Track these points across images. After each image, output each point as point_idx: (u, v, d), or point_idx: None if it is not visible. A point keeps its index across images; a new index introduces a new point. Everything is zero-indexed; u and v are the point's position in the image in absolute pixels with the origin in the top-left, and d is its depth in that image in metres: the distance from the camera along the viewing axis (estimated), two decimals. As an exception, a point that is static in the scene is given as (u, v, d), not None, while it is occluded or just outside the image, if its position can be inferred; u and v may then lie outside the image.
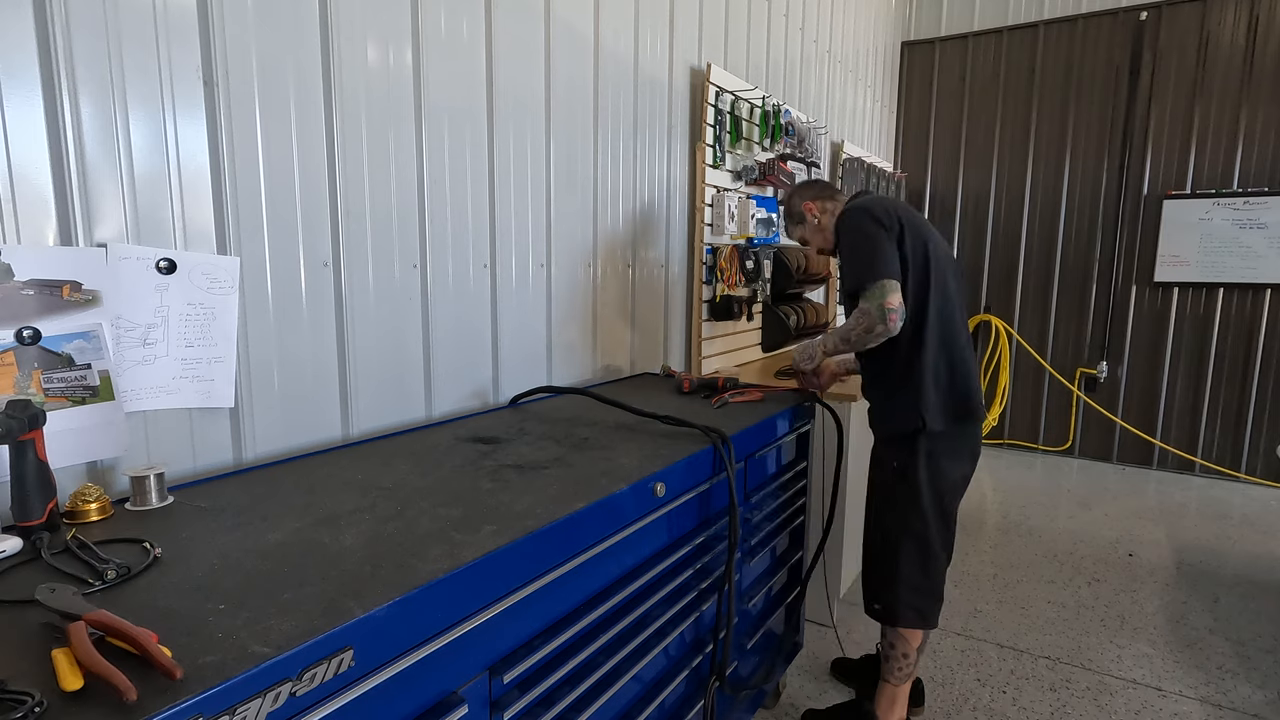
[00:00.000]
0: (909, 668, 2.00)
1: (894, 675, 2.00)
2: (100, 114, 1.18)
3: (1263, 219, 4.39)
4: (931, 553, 1.93)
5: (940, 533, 1.94)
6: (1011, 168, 5.13)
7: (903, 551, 1.92)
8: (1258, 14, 4.32)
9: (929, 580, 1.95)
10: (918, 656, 2.00)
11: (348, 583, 0.88)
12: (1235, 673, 2.43)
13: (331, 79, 1.53)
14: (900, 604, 1.94)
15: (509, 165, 2.01)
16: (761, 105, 3.23)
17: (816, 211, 2.15)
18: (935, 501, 1.91)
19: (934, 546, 1.93)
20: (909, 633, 1.97)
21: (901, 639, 1.97)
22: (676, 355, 2.97)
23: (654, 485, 1.37)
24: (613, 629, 1.29)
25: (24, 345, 1.12)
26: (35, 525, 1.01)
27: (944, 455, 1.90)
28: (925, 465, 1.88)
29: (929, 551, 1.93)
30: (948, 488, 1.93)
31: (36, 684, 0.67)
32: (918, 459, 1.88)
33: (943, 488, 1.92)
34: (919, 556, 1.93)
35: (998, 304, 5.26)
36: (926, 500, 1.90)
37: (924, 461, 1.88)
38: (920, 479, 1.88)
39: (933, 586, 1.96)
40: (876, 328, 1.79)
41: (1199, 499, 4.25)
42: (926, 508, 1.90)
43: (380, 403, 1.72)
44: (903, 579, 1.93)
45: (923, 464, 1.88)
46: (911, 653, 1.98)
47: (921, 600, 1.95)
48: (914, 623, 1.95)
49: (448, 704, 0.94)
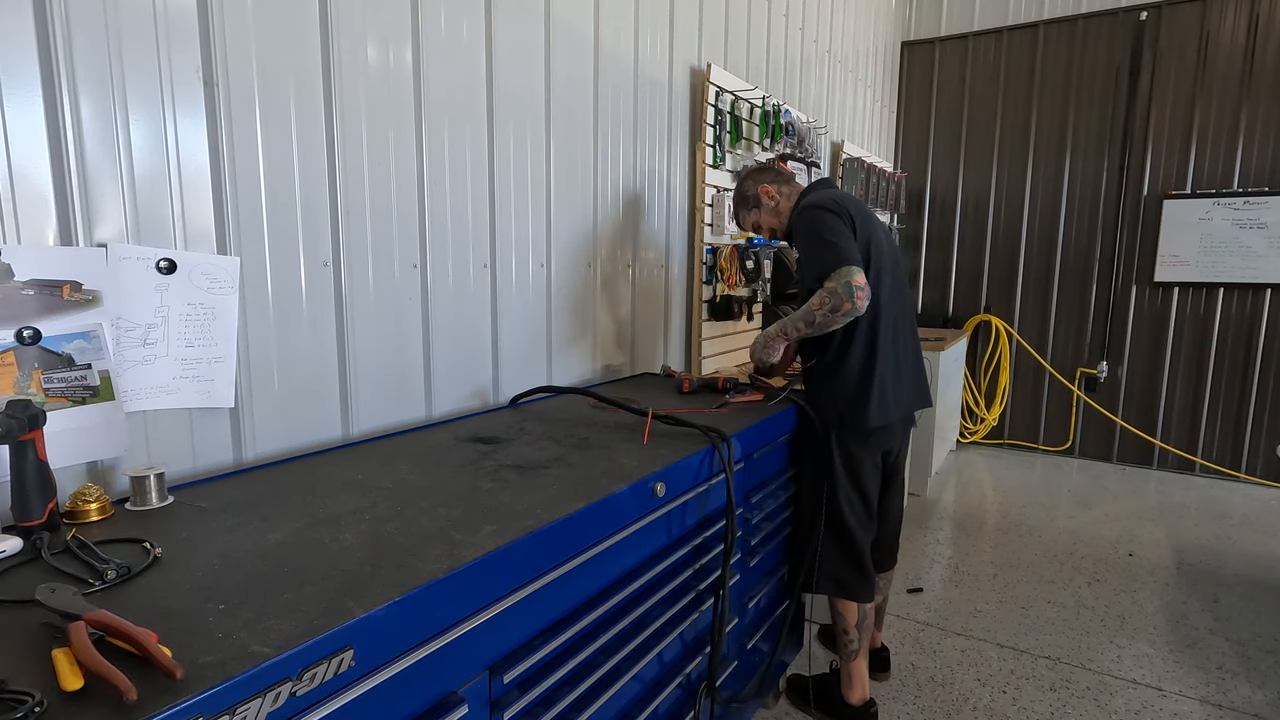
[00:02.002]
0: (852, 644, 2.08)
1: (841, 652, 2.11)
2: (100, 114, 1.18)
3: (1263, 219, 4.39)
4: (851, 531, 2.02)
5: (856, 511, 2.03)
6: (1011, 168, 5.13)
7: (821, 527, 2.03)
8: (1258, 14, 4.32)
9: (847, 555, 2.04)
10: (860, 634, 2.07)
11: (348, 583, 0.88)
12: (1235, 673, 2.43)
13: (331, 79, 1.53)
14: (819, 574, 2.05)
15: (509, 165, 2.01)
16: (761, 105, 3.23)
17: (775, 195, 2.17)
18: (852, 484, 2.02)
19: (849, 523, 2.02)
20: (844, 608, 2.05)
21: (840, 615, 2.07)
22: (676, 355, 2.97)
23: (654, 485, 1.37)
24: (613, 629, 1.29)
25: (24, 345, 1.12)
26: (35, 525, 1.01)
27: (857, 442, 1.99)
28: (842, 459, 1.99)
29: (847, 530, 2.02)
30: (864, 471, 2.02)
31: (36, 684, 0.67)
32: (832, 448, 1.99)
33: (857, 473, 2.01)
34: (838, 534, 2.03)
35: (998, 304, 5.27)
36: (844, 484, 2.00)
37: (838, 455, 1.99)
38: (837, 468, 1.99)
39: (852, 561, 2.04)
40: (844, 305, 1.83)
41: (1199, 499, 4.25)
42: (844, 491, 2.01)
43: (380, 403, 1.72)
44: (821, 553, 2.04)
45: (838, 457, 1.99)
46: (850, 628, 2.06)
47: (841, 572, 2.04)
48: (836, 593, 2.05)
49: (448, 704, 0.94)
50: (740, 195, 2.24)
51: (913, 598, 2.92)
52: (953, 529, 3.70)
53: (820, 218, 1.92)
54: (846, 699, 2.11)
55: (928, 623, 2.73)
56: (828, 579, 2.05)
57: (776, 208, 2.17)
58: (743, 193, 2.23)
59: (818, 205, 1.96)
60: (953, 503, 4.13)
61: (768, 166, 2.27)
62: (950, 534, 3.64)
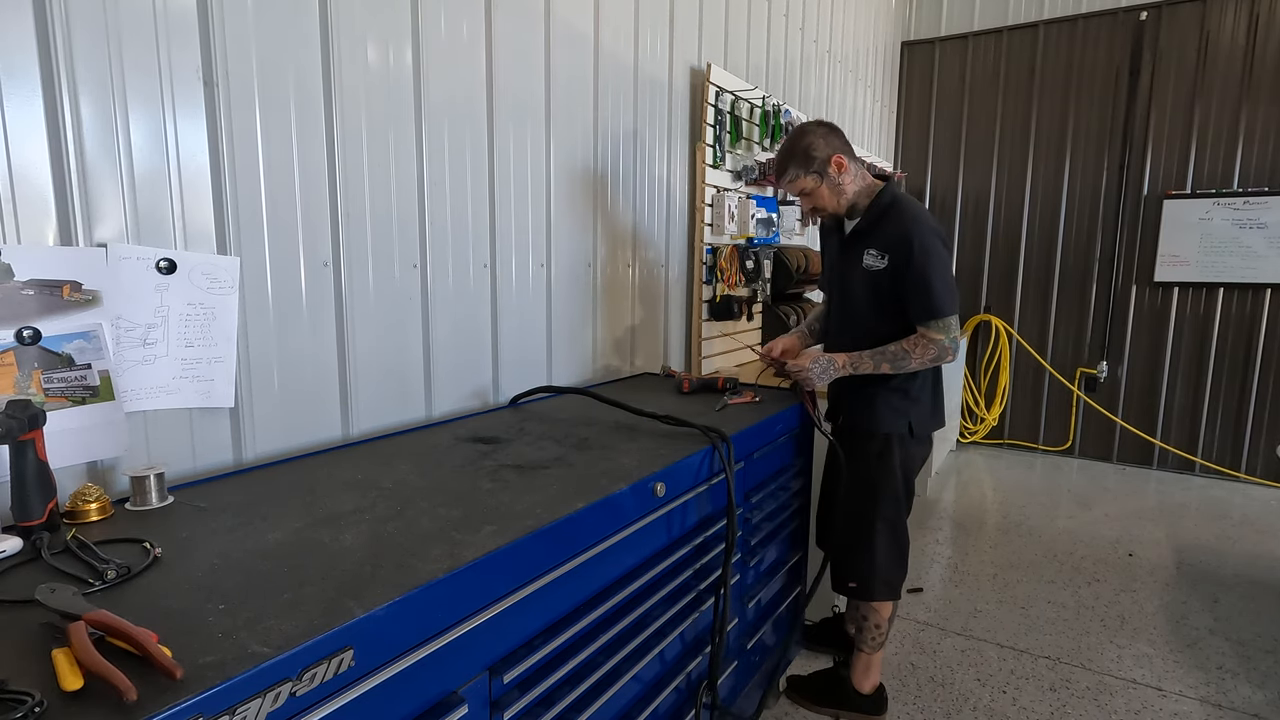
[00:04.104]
0: (882, 637, 2.10)
1: (868, 644, 2.11)
2: (100, 114, 1.18)
3: (1263, 219, 4.39)
4: (902, 531, 2.05)
5: (907, 511, 2.06)
6: (1011, 168, 5.13)
7: (878, 534, 2.01)
8: (1258, 14, 4.32)
9: (901, 557, 2.06)
10: (889, 625, 2.11)
11: (348, 583, 0.88)
12: (1235, 673, 2.43)
13: (331, 79, 1.53)
14: (876, 581, 2.03)
15: (509, 165, 2.01)
16: (761, 105, 3.23)
17: (848, 170, 1.88)
18: (905, 485, 2.03)
19: (904, 526, 2.05)
20: (881, 604, 2.07)
21: (874, 611, 2.08)
22: (676, 355, 2.96)
23: (654, 485, 1.37)
24: (613, 629, 1.29)
25: (24, 345, 1.12)
26: (35, 525, 1.00)
27: (916, 445, 2.03)
28: (900, 459, 1.99)
29: (900, 530, 2.04)
30: (915, 470, 2.06)
31: (36, 684, 0.67)
32: (893, 453, 1.98)
33: (911, 472, 2.04)
34: (892, 536, 2.03)
35: (998, 304, 5.26)
36: (900, 486, 2.01)
37: (898, 456, 1.98)
38: (896, 470, 1.99)
39: (902, 561, 2.07)
40: (946, 357, 1.88)
41: (1199, 499, 4.25)
42: (899, 492, 2.01)
43: (380, 403, 1.72)
44: (879, 559, 2.02)
45: (898, 458, 1.98)
46: (884, 623, 2.09)
47: (893, 574, 2.05)
48: (888, 596, 2.05)
49: (448, 704, 0.94)
50: (803, 152, 1.87)
51: (913, 598, 2.92)
52: (953, 529, 3.70)
53: (942, 252, 1.84)
54: (859, 688, 2.13)
55: (928, 623, 2.73)
56: (884, 585, 2.03)
57: (841, 186, 1.88)
58: (806, 150, 1.86)
59: (937, 234, 1.85)
60: (953, 503, 4.13)
61: (839, 130, 1.93)
62: (950, 534, 3.64)
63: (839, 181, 1.88)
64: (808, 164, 1.87)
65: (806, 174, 1.88)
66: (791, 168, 1.90)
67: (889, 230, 1.87)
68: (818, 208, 1.94)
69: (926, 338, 1.85)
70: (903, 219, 1.85)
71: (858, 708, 2.13)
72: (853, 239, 1.97)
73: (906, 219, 1.85)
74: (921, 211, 1.90)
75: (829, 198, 1.91)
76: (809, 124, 1.94)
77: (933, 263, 1.81)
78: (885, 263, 1.87)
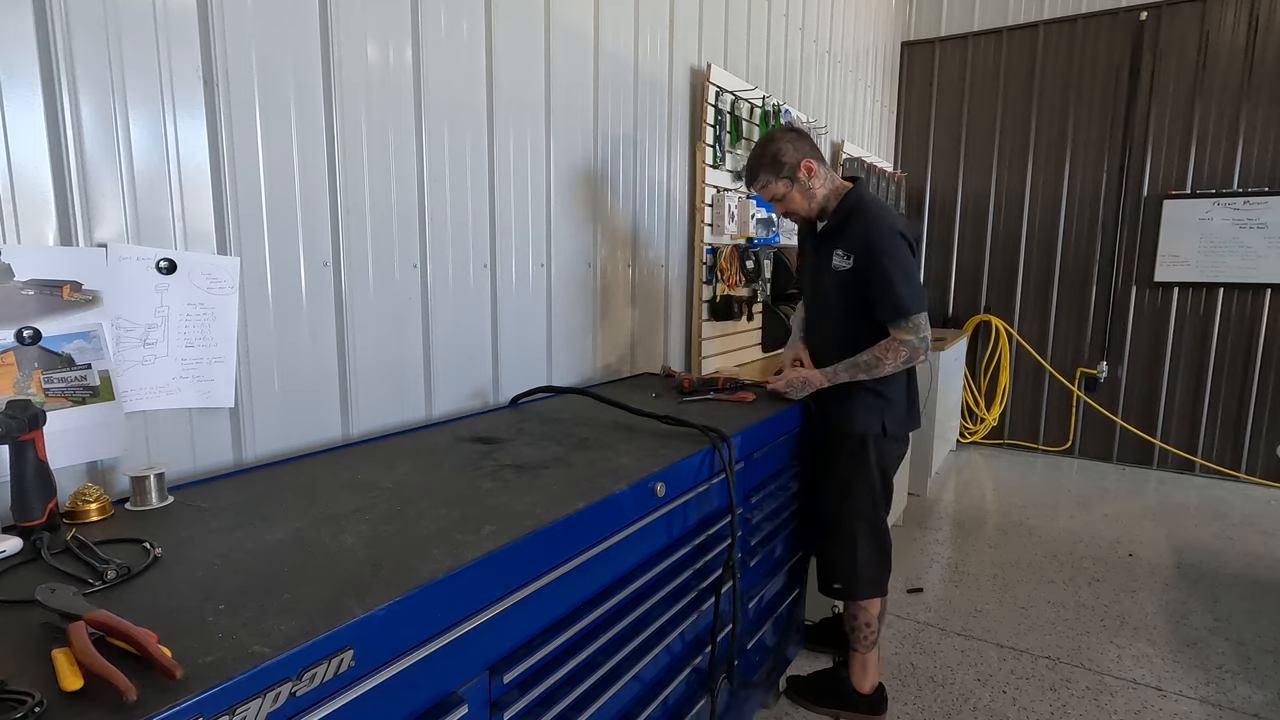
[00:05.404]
0: (874, 635, 2.11)
1: (861, 644, 2.12)
2: (100, 114, 1.18)
3: (1263, 219, 4.39)
4: (883, 529, 2.07)
5: (885, 509, 2.08)
6: (1011, 168, 5.13)
7: (858, 534, 2.04)
8: (1258, 14, 4.32)
9: (881, 554, 2.08)
10: (880, 622, 2.12)
11: (348, 583, 0.88)
12: (1235, 673, 2.43)
13: (331, 78, 1.53)
14: (859, 580, 2.06)
15: (509, 165, 2.01)
16: (761, 105, 3.23)
17: (816, 174, 1.94)
18: (883, 483, 2.05)
19: (884, 524, 2.07)
20: (868, 602, 2.08)
21: (862, 610, 2.09)
22: (676, 355, 2.96)
23: (654, 485, 1.37)
24: (613, 629, 1.29)
25: (24, 345, 1.12)
26: (35, 525, 1.00)
27: (890, 444, 2.05)
28: (875, 457, 2.01)
29: (880, 529, 2.06)
30: (892, 469, 2.10)
31: (36, 684, 0.67)
32: (868, 452, 2.01)
33: (888, 470, 2.07)
34: (872, 535, 2.05)
35: (998, 304, 5.27)
36: (877, 485, 2.03)
37: (873, 454, 2.01)
38: (872, 468, 2.01)
39: (884, 558, 2.09)
40: (918, 357, 1.88)
41: (1199, 499, 4.25)
42: (877, 491, 2.04)
43: (380, 402, 1.72)
44: (860, 559, 2.04)
45: (873, 456, 2.01)
46: (873, 620, 2.10)
47: (878, 573, 2.08)
48: (873, 594, 2.07)
49: (448, 704, 0.94)
50: (771, 158, 1.94)
51: (913, 598, 2.92)
52: (953, 529, 3.70)
53: (904, 251, 1.87)
54: (858, 688, 2.13)
55: (927, 623, 2.73)
56: (868, 584, 2.06)
57: (811, 190, 1.95)
58: (775, 156, 1.93)
59: (899, 232, 1.89)
60: (953, 503, 4.13)
61: (807, 135, 2.00)
62: (950, 534, 3.64)
63: (809, 185, 1.96)
64: (778, 169, 1.95)
65: (777, 179, 1.95)
66: (763, 174, 1.97)
67: (855, 231, 1.93)
68: (790, 211, 2.03)
69: (897, 340, 1.88)
70: (866, 220, 1.91)
71: (857, 707, 2.14)
72: (822, 240, 2.03)
73: (869, 220, 1.91)
74: (885, 212, 1.94)
75: (800, 201, 1.98)
76: (777, 130, 2.02)
77: (893, 262, 1.85)
78: (851, 263, 1.93)
